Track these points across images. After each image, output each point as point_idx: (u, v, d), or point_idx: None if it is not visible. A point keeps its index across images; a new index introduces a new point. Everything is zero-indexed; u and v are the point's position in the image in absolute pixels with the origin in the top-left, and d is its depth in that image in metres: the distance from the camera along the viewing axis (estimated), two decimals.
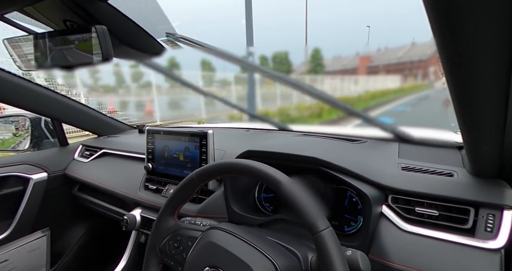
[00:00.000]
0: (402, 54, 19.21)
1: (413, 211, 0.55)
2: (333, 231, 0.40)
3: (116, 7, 0.54)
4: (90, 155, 1.24)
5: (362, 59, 19.72)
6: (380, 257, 0.54)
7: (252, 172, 0.47)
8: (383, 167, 0.64)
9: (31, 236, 1.13)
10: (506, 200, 0.49)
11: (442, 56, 0.29)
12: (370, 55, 20.10)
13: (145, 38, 0.64)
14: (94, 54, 0.51)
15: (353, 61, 19.92)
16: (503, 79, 0.30)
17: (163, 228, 0.56)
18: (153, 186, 0.94)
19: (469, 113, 0.38)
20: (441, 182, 0.56)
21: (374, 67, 19.97)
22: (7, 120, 1.40)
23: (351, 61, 20.15)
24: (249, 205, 0.76)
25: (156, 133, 0.93)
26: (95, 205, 1.17)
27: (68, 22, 0.54)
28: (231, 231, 0.49)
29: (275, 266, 0.43)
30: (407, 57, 19.20)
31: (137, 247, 1.00)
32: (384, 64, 19.87)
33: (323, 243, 0.38)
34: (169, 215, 0.56)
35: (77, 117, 1.24)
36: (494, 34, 0.24)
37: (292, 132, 1.08)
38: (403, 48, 19.85)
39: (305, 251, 0.47)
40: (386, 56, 20.38)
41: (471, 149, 0.50)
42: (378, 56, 20.33)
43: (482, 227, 0.49)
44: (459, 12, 0.22)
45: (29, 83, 1.01)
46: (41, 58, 0.57)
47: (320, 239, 0.39)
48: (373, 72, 19.54)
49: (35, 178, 1.13)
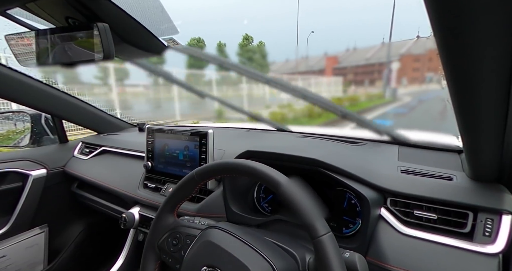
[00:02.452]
0: (371, 55, 18.26)
1: (412, 214, 0.55)
2: (333, 236, 0.40)
3: (118, 5, 0.54)
4: (90, 153, 1.24)
5: (329, 59, 18.90)
6: (378, 260, 0.53)
7: (252, 173, 0.47)
8: (382, 170, 0.64)
9: (29, 232, 1.13)
10: (505, 205, 0.49)
11: (443, 59, 0.28)
12: (337, 56, 19.38)
13: (147, 37, 0.64)
14: (96, 52, 0.51)
15: (320, 61, 19.23)
16: (504, 83, 0.30)
17: (163, 224, 0.56)
18: (152, 184, 0.94)
19: (469, 118, 0.38)
20: (440, 185, 0.56)
21: (342, 69, 19.14)
22: (7, 116, 1.41)
23: (318, 61, 19.42)
24: (247, 205, 0.76)
25: (156, 131, 0.93)
26: (94, 202, 1.17)
27: (70, 19, 0.54)
28: (230, 231, 0.49)
29: (273, 268, 0.43)
30: (375, 58, 18.40)
31: (135, 245, 1.00)
32: (352, 65, 19.00)
33: (323, 249, 0.38)
34: (168, 212, 0.56)
35: (77, 114, 1.24)
36: (496, 36, 0.24)
37: (292, 133, 1.08)
38: (372, 48, 18.64)
39: (303, 252, 0.47)
40: (354, 56, 19.46)
41: (470, 153, 0.50)
42: (346, 56, 19.57)
43: (481, 232, 0.49)
44: (461, 13, 0.22)
45: (30, 79, 1.01)
46: (43, 55, 0.57)
47: (320, 244, 0.39)
48: (340, 74, 18.78)
49: (34, 174, 1.13)
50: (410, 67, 15.15)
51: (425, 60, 14.34)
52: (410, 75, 14.77)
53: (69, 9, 0.51)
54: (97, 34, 0.49)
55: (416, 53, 14.34)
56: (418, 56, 14.56)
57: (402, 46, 14.81)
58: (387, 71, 12.32)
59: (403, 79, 13.62)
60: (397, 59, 14.34)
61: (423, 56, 14.12)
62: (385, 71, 13.22)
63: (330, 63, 18.88)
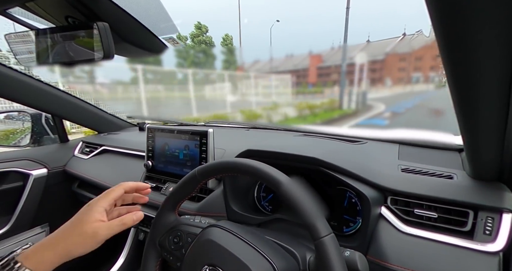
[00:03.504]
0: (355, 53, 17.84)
1: (412, 213, 0.55)
2: (334, 238, 0.40)
3: (118, 4, 0.54)
4: (90, 152, 1.24)
5: (313, 58, 18.32)
6: (378, 259, 0.54)
7: (253, 172, 0.47)
8: (383, 169, 0.64)
9: (30, 232, 1.13)
10: (505, 203, 0.49)
11: (444, 58, 0.28)
12: (321, 54, 18.78)
13: (147, 36, 0.64)
14: (96, 51, 0.51)
15: (304, 60, 18.70)
16: (505, 82, 0.30)
17: (164, 222, 0.56)
18: (152, 183, 0.94)
19: (470, 116, 0.38)
20: (441, 184, 0.56)
21: (326, 68, 18.51)
22: (8, 116, 1.41)
23: (303, 60, 18.88)
24: (248, 204, 0.76)
25: (156, 131, 0.93)
26: None
27: (70, 18, 0.54)
28: (230, 230, 0.49)
29: (274, 268, 0.43)
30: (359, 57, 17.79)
31: (135, 244, 1.00)
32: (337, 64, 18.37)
33: (324, 250, 0.38)
34: (169, 210, 0.56)
35: (77, 114, 1.24)
36: (498, 36, 0.24)
37: (292, 132, 1.08)
38: (358, 47, 17.83)
39: (303, 251, 0.47)
40: (338, 55, 18.86)
41: (471, 152, 0.50)
42: (330, 55, 19.05)
43: (481, 230, 0.49)
44: (463, 13, 0.22)
45: (30, 79, 1.01)
46: (42, 54, 0.56)
47: (322, 246, 0.39)
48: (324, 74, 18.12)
49: (35, 174, 1.14)
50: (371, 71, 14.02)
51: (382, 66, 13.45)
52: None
53: (69, 8, 0.51)
54: (97, 34, 0.49)
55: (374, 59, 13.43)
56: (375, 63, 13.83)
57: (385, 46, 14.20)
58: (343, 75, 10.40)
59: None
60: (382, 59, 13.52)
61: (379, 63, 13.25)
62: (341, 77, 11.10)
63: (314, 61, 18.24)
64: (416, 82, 12.31)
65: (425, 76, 15.67)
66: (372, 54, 15.51)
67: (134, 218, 0.46)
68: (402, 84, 13.63)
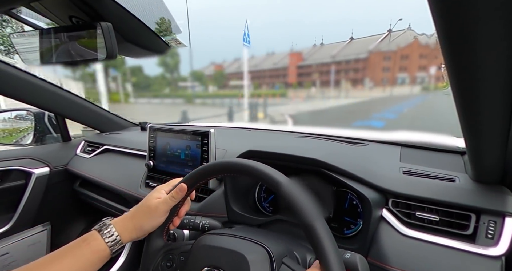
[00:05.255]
0: (337, 52, 17.25)
1: (414, 215, 0.55)
2: (324, 221, 0.39)
3: (121, 4, 0.54)
4: (92, 151, 1.25)
5: (293, 56, 18.20)
6: (379, 261, 0.53)
7: (252, 172, 0.47)
8: (384, 171, 0.64)
9: (32, 230, 1.14)
10: (508, 207, 0.49)
11: (447, 61, 0.28)
12: (301, 52, 18.45)
13: (150, 36, 0.64)
14: (99, 51, 0.51)
15: (285, 58, 18.42)
16: (508, 85, 0.30)
17: (154, 249, 0.55)
18: (153, 183, 0.94)
19: (473, 119, 0.38)
20: (443, 187, 0.56)
21: (306, 67, 18.16)
22: (12, 114, 1.42)
23: (283, 58, 18.60)
24: (249, 205, 0.76)
25: (158, 130, 0.93)
26: (96, 201, 1.18)
27: (73, 19, 0.55)
28: (221, 232, 0.50)
29: (268, 251, 0.44)
30: (341, 56, 17.28)
31: (135, 244, 1.00)
32: (318, 63, 18.09)
33: (312, 232, 0.37)
34: (157, 237, 0.55)
35: (80, 113, 1.25)
36: (501, 39, 0.24)
37: (294, 133, 1.08)
38: (339, 45, 17.69)
39: (303, 253, 0.47)
40: (320, 53, 18.62)
41: (474, 155, 0.49)
42: (311, 53, 18.74)
43: (483, 234, 0.49)
44: (466, 16, 0.22)
45: (33, 77, 1.02)
46: (46, 54, 0.57)
47: (310, 227, 0.38)
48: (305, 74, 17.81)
49: (37, 172, 1.14)
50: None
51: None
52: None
53: (73, 8, 0.52)
54: (100, 33, 0.50)
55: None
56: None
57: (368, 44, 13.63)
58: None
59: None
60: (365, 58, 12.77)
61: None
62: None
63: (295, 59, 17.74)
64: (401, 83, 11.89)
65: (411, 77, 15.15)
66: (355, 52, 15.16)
67: (179, 191, 0.51)
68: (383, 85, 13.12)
